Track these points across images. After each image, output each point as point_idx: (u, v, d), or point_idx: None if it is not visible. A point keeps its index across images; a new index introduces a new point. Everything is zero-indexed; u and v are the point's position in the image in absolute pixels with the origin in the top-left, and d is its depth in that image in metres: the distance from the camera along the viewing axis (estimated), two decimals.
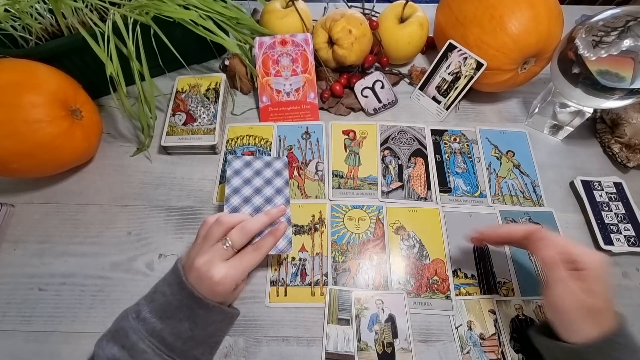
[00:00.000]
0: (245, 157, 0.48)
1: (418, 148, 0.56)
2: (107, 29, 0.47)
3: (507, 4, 0.49)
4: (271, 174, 0.47)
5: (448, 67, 0.56)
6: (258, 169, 0.47)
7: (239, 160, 0.47)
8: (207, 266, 0.35)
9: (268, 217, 0.40)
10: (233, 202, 0.43)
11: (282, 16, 0.59)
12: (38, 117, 0.43)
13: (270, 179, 0.46)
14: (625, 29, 0.42)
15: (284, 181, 0.46)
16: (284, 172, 0.47)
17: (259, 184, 0.45)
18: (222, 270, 0.35)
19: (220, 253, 0.36)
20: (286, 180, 0.47)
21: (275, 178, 0.46)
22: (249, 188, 0.45)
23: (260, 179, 0.46)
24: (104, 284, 0.45)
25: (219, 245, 0.37)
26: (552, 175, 0.54)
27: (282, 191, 0.45)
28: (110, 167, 0.54)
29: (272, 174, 0.47)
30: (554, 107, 0.55)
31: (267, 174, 0.47)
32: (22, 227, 0.49)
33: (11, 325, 0.43)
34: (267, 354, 0.42)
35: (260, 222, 0.39)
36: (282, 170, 0.47)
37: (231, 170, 0.46)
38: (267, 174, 0.47)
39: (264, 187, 0.45)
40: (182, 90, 0.58)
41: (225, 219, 0.38)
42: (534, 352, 0.38)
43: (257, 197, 0.44)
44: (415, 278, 0.46)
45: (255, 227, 0.38)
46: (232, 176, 0.46)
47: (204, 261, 0.35)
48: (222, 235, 0.37)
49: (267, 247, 0.39)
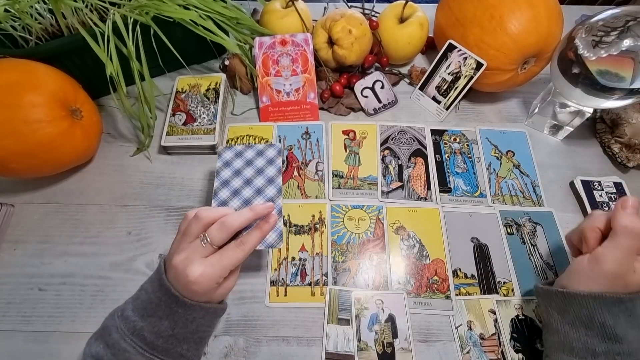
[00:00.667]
0: (237, 147, 0.45)
1: (418, 148, 0.56)
2: (107, 29, 0.47)
3: (507, 4, 0.49)
4: (263, 162, 0.43)
5: (448, 67, 0.56)
6: (250, 158, 0.44)
7: (230, 150, 0.44)
8: (184, 264, 0.33)
9: (253, 213, 0.37)
10: (221, 196, 0.41)
11: (282, 16, 0.59)
12: (38, 117, 0.43)
13: (262, 168, 0.43)
14: (625, 29, 0.42)
15: (276, 169, 0.43)
16: (276, 160, 0.44)
17: (250, 174, 0.42)
18: (198, 269, 0.33)
19: (198, 250, 0.34)
20: (279, 169, 0.43)
21: (267, 167, 0.43)
22: (239, 179, 0.42)
23: (252, 168, 0.43)
24: (104, 284, 0.45)
25: (197, 242, 0.34)
26: (552, 175, 0.54)
27: (273, 180, 0.42)
28: (110, 167, 0.54)
29: (264, 162, 0.43)
30: (554, 107, 0.55)
31: (258, 163, 0.43)
32: (22, 227, 0.49)
33: (11, 325, 0.43)
34: (267, 354, 0.42)
35: (244, 218, 0.36)
36: (275, 158, 0.44)
37: (221, 162, 0.43)
38: (259, 163, 0.43)
39: (254, 178, 0.42)
40: (182, 90, 0.58)
41: (204, 214, 0.35)
42: (533, 352, 0.38)
43: (247, 189, 0.41)
44: (415, 278, 0.46)
45: (237, 222, 0.35)
46: (221, 168, 0.43)
47: (181, 259, 0.33)
48: (201, 231, 0.35)
49: (252, 243, 0.36)
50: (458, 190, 0.52)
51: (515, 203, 0.51)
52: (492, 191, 0.52)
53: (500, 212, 0.50)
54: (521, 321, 0.43)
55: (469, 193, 0.52)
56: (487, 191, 0.52)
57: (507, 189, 0.53)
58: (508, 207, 0.51)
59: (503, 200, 0.52)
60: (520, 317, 0.43)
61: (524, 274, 0.46)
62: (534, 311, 0.44)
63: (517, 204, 0.51)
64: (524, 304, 0.44)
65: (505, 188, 0.53)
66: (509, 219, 0.50)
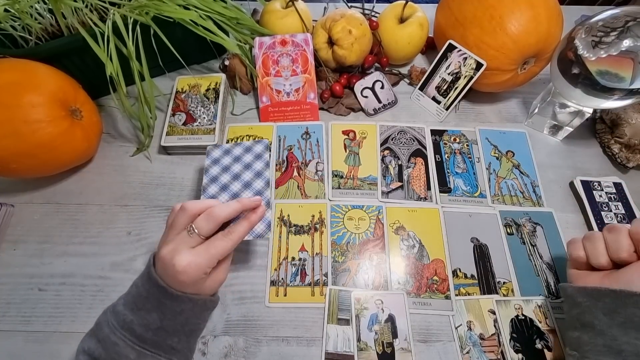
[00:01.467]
0: (225, 145, 0.46)
1: (418, 148, 0.56)
2: (107, 29, 0.47)
3: (507, 4, 0.49)
4: (251, 158, 0.44)
5: (448, 68, 0.56)
6: (237, 155, 0.45)
7: (218, 149, 0.45)
8: (171, 254, 0.33)
9: (240, 205, 0.37)
10: (210, 191, 0.42)
11: (282, 16, 0.59)
12: (38, 117, 0.43)
13: (250, 163, 0.44)
14: (625, 29, 0.42)
15: (264, 163, 0.44)
16: (264, 155, 0.44)
17: (238, 170, 0.43)
18: (186, 259, 0.33)
19: (185, 241, 0.34)
20: (266, 162, 0.44)
21: (255, 161, 0.44)
22: (227, 175, 0.43)
23: (240, 164, 0.44)
24: (104, 284, 0.45)
25: (184, 233, 0.34)
26: (552, 175, 0.54)
27: (261, 174, 0.43)
28: (110, 167, 0.54)
29: (252, 157, 0.44)
30: (554, 107, 0.55)
31: (246, 159, 0.44)
32: (22, 227, 0.49)
33: (11, 326, 0.43)
34: (266, 354, 0.42)
35: (231, 209, 0.36)
36: (263, 153, 0.45)
37: (210, 160, 0.44)
38: (247, 158, 0.44)
39: (243, 172, 0.43)
40: (182, 90, 0.58)
41: (190, 206, 0.35)
42: (533, 352, 0.38)
43: (235, 183, 0.42)
44: (415, 278, 0.46)
45: (224, 213, 0.35)
46: (210, 165, 0.44)
47: (168, 250, 0.33)
48: (188, 222, 0.35)
49: (239, 233, 0.36)
50: (458, 190, 0.52)
51: (515, 203, 0.51)
52: (492, 191, 0.52)
53: (500, 212, 0.50)
54: (521, 321, 0.43)
55: (469, 193, 0.52)
56: (487, 191, 0.52)
57: (507, 189, 0.53)
58: (508, 207, 0.51)
59: (503, 201, 0.52)
60: (520, 317, 0.43)
61: (523, 274, 0.46)
62: (534, 311, 0.44)
63: (516, 204, 0.51)
64: (524, 304, 0.44)
65: (505, 188, 0.53)
66: (508, 219, 0.50)
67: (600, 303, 0.35)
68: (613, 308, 0.34)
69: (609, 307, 0.34)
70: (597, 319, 0.35)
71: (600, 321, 0.34)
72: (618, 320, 0.33)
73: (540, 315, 0.44)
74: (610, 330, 0.34)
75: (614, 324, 0.34)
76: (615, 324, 0.33)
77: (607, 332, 0.34)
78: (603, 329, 0.34)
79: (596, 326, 0.35)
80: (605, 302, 0.34)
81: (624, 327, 0.33)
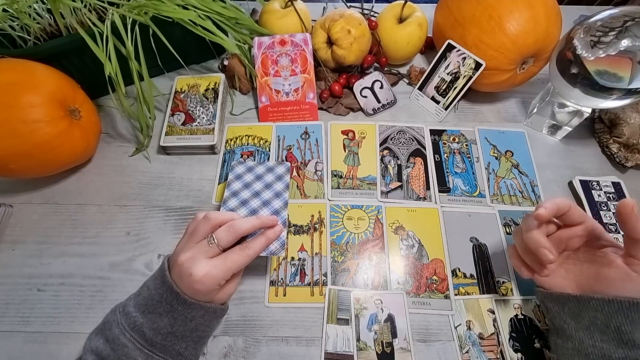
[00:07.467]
0: (249, 163, 0.48)
1: (417, 148, 0.56)
2: (106, 29, 0.47)
3: (506, 4, 0.49)
4: (272, 178, 0.46)
5: (447, 67, 0.56)
6: (260, 174, 0.47)
7: (242, 165, 0.48)
8: (189, 263, 0.34)
9: (259, 221, 0.38)
10: (230, 204, 0.43)
11: (281, 16, 0.59)
12: (36, 117, 0.43)
13: (271, 183, 0.46)
14: (623, 29, 0.42)
15: (284, 185, 0.46)
16: (285, 177, 0.47)
17: (259, 188, 0.45)
18: (203, 269, 0.33)
19: (204, 250, 0.35)
20: (287, 184, 0.46)
21: (276, 182, 0.46)
22: (247, 191, 0.45)
23: (261, 183, 0.46)
24: (103, 284, 0.45)
25: (204, 242, 0.35)
26: (551, 175, 0.54)
27: (281, 195, 0.45)
28: (109, 167, 0.54)
29: (273, 178, 0.46)
30: (553, 107, 0.55)
31: (268, 179, 0.46)
32: (21, 227, 0.49)
33: (9, 326, 0.43)
34: (266, 354, 0.41)
35: (250, 224, 0.37)
36: (284, 175, 0.47)
37: (233, 175, 0.46)
38: (268, 178, 0.46)
39: (263, 191, 0.45)
40: (181, 90, 0.58)
41: (214, 216, 0.36)
42: (532, 352, 0.38)
43: (255, 200, 0.44)
44: (415, 278, 0.46)
45: (244, 227, 0.37)
46: (232, 180, 0.46)
47: (186, 257, 0.34)
48: (209, 232, 0.36)
49: (256, 249, 0.37)
50: (457, 190, 0.52)
51: (514, 203, 0.52)
52: (491, 191, 0.52)
53: (499, 211, 0.51)
54: (520, 321, 0.43)
55: (468, 193, 0.52)
56: (486, 191, 0.52)
57: (506, 188, 0.53)
58: (507, 207, 0.51)
59: (502, 200, 0.52)
60: (519, 317, 0.44)
61: None
62: (533, 311, 0.44)
63: (516, 203, 0.51)
64: (523, 304, 0.44)
65: (504, 188, 0.53)
66: (508, 219, 0.50)
67: (566, 308, 0.36)
68: (577, 312, 0.35)
69: (573, 311, 0.35)
70: (566, 323, 0.36)
71: (569, 325, 0.36)
72: (583, 323, 0.34)
73: (539, 314, 0.44)
74: (578, 334, 0.35)
75: (580, 327, 0.35)
76: (581, 327, 0.35)
77: (575, 336, 0.35)
78: (572, 333, 0.35)
79: (566, 330, 0.36)
80: (570, 306, 0.36)
81: (590, 331, 0.34)
